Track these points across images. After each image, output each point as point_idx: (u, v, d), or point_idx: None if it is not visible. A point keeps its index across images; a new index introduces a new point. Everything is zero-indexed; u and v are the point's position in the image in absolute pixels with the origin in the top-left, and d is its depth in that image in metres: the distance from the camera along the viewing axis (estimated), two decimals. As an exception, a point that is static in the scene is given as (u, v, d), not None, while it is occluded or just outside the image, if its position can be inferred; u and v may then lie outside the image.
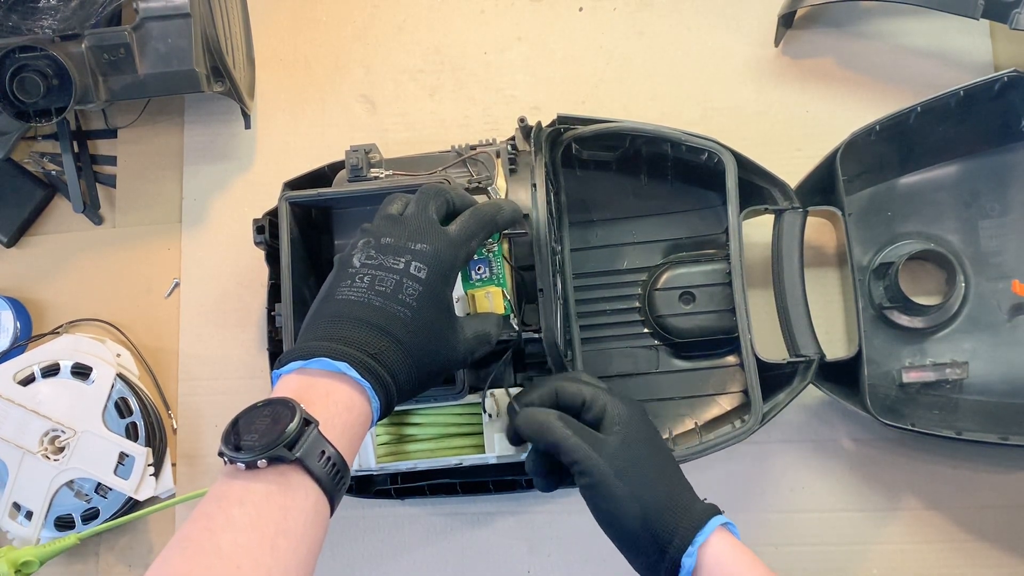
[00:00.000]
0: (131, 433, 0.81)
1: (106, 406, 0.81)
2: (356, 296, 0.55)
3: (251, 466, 0.47)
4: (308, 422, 0.49)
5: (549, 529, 0.80)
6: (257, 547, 0.45)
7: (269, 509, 0.47)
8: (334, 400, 0.51)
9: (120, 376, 0.83)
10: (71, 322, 0.88)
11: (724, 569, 0.55)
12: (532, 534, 0.80)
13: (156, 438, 0.83)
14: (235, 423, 0.50)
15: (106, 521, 0.81)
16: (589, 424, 0.60)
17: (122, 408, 0.82)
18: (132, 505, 0.82)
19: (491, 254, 0.65)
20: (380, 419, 0.55)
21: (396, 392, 0.54)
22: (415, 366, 0.55)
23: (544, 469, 0.62)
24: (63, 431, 0.80)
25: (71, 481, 0.81)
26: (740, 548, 0.56)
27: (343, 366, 0.51)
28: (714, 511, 0.57)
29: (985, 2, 0.73)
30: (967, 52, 0.82)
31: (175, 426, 0.86)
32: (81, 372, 0.82)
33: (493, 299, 0.64)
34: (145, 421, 0.82)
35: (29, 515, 0.80)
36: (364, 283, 0.55)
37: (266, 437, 0.48)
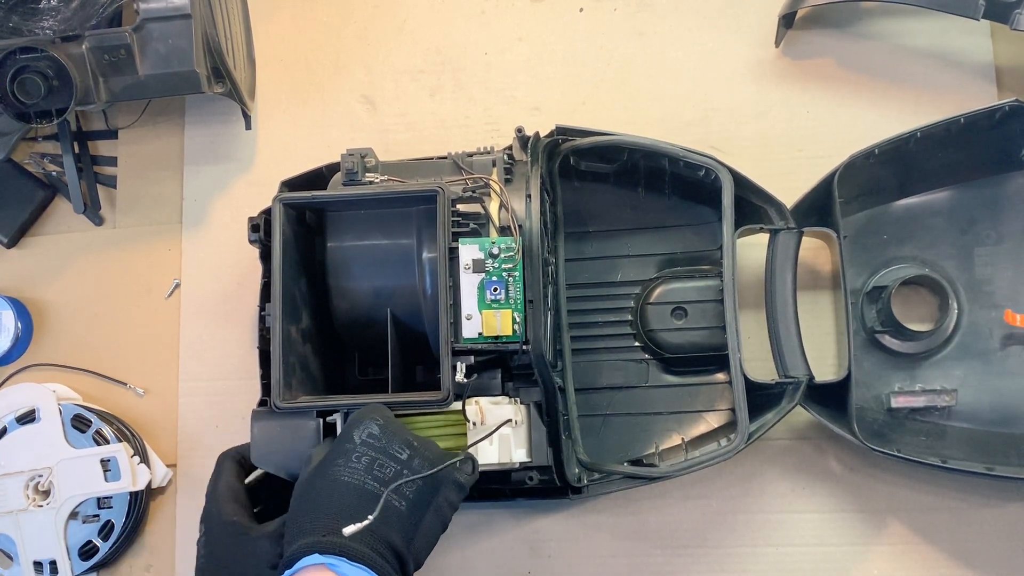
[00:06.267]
0: (100, 441, 0.81)
1: (65, 430, 0.81)
2: None
3: None
4: None
5: (550, 530, 0.80)
6: None
7: None
8: None
9: (65, 403, 0.83)
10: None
11: None
12: (532, 535, 0.80)
13: (126, 436, 0.83)
14: None
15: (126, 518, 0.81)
16: None
17: (80, 425, 0.82)
18: (140, 496, 0.82)
19: (511, 279, 0.66)
20: None
21: None
22: None
23: None
24: (40, 474, 0.80)
25: (73, 512, 0.80)
26: None
27: None
28: (308, 550, 0.56)
29: (986, 3, 0.73)
30: (967, 52, 0.82)
31: (140, 392, 0.86)
32: (27, 419, 0.82)
33: (502, 320, 0.65)
34: (109, 426, 0.82)
35: (54, 566, 0.80)
36: None
37: None
